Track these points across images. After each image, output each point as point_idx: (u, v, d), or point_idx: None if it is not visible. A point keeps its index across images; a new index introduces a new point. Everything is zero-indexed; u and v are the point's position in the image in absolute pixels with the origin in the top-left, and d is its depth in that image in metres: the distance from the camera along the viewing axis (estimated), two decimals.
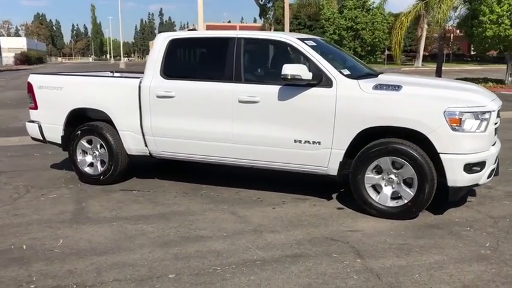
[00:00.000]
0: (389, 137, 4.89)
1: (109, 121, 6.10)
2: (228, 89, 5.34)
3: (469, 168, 4.60)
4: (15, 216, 5.06)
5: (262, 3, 44.72)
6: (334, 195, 5.70)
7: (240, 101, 5.28)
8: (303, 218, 4.95)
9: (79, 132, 6.20)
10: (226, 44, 5.47)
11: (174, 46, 5.74)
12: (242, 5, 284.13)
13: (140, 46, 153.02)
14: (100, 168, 6.19)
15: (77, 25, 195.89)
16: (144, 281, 3.60)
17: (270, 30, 44.44)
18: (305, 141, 5.07)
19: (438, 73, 25.14)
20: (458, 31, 59.16)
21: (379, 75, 5.44)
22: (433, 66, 44.63)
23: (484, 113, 4.63)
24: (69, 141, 6.31)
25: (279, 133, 5.18)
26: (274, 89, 5.15)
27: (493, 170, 4.92)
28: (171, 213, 5.13)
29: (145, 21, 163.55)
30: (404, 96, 4.75)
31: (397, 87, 4.82)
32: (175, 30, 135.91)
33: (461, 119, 4.55)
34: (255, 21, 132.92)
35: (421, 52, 51.31)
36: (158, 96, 5.65)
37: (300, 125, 5.08)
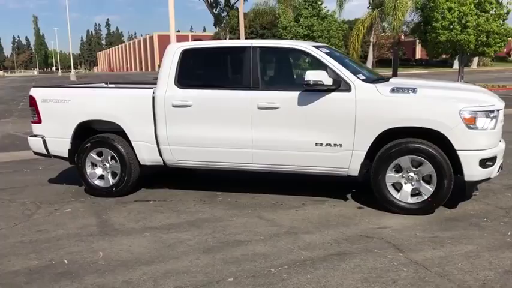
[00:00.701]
0: (403, 137, 5.15)
1: (119, 132, 6.07)
2: (246, 97, 5.47)
3: (484, 163, 4.95)
4: (40, 232, 4.96)
5: (216, 12, 44.86)
6: (348, 196, 5.92)
7: (259, 108, 5.41)
8: (330, 218, 5.13)
9: (88, 144, 6.13)
10: (242, 53, 5.60)
11: (186, 56, 5.80)
12: (189, 14, 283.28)
13: (87, 57, 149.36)
14: (111, 180, 6.14)
15: (18, 37, 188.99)
16: (206, 286, 3.67)
17: (226, 39, 44.76)
18: (326, 144, 5.27)
19: (395, 76, 26.17)
20: (403, 36, 61.79)
21: (390, 80, 5.72)
22: (382, 71, 46.26)
23: (493, 111, 5.00)
24: (77, 154, 6.21)
25: (300, 137, 5.35)
26: (293, 95, 5.33)
27: (501, 164, 5.29)
28: (199, 220, 5.18)
29: (92, 32, 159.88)
30: (421, 98, 5.05)
31: (413, 90, 5.12)
32: (123, 42, 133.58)
33: (475, 117, 4.89)
34: (204, 30, 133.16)
35: (370, 58, 53.11)
36: (174, 106, 5.70)
37: (321, 129, 5.27)
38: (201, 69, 5.99)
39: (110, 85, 7.59)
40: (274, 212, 5.41)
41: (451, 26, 21.38)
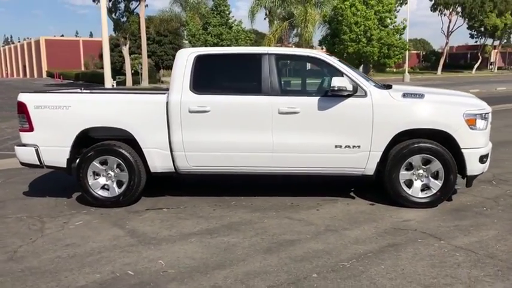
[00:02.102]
0: (409, 138, 5.68)
1: (126, 139, 5.87)
2: (267, 102, 5.64)
3: (482, 159, 5.66)
4: (71, 247, 4.67)
5: (116, 17, 43.44)
6: (352, 194, 6.33)
7: (280, 113, 5.62)
8: (354, 215, 5.49)
9: (92, 153, 5.84)
10: (259, 60, 5.76)
11: (200, 62, 5.81)
12: (72, 19, 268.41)
13: None
14: (117, 190, 5.90)
15: None
16: (295, 283, 3.80)
17: (126, 45, 43.45)
18: (345, 146, 5.63)
19: None
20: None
21: (393, 86, 6.24)
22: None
23: (486, 114, 5.75)
24: (78, 163, 5.88)
25: (320, 140, 5.65)
26: (313, 100, 5.62)
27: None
28: (233, 224, 5.23)
29: None
30: (430, 103, 5.64)
31: (420, 96, 5.69)
32: None
33: (475, 119, 5.59)
34: (91, 35, 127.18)
35: None
36: (191, 111, 5.68)
37: (341, 132, 5.62)
38: (217, 75, 6.01)
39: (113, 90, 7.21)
40: (297, 212, 5.63)
41: (358, 39, 23.17)
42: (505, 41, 79.18)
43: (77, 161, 5.92)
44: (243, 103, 5.72)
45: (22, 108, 5.89)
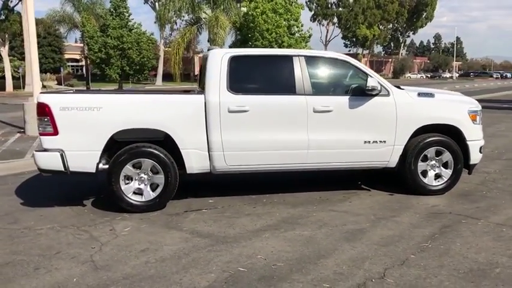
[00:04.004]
0: (422, 133, 6.36)
1: (156, 141, 5.75)
2: (303, 101, 5.92)
3: (480, 150, 6.53)
4: (149, 252, 4.50)
5: None
6: (364, 186, 6.84)
7: (315, 111, 5.93)
8: (386, 205, 5.98)
9: (125, 155, 5.60)
10: (291, 61, 6.01)
11: (235, 63, 5.89)
12: None
13: None
14: (151, 193, 5.73)
15: None
16: (406, 263, 4.15)
17: (5, 46, 39.92)
18: (373, 141, 6.12)
19: None
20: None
21: (402, 87, 6.83)
22: (172, 85, 48.01)
23: (481, 110, 6.64)
24: (109, 168, 5.60)
25: (351, 136, 6.07)
26: (344, 99, 6.03)
27: None
28: (289, 219, 5.41)
29: None
30: (441, 102, 6.38)
31: (431, 95, 6.40)
32: None
33: (476, 115, 6.44)
34: None
35: (161, 71, 54.52)
36: (231, 111, 5.74)
37: (369, 128, 6.10)
38: (252, 76, 6.11)
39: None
40: (334, 205, 5.98)
41: (270, 46, 24.06)
42: (373, 50, 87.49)
43: (108, 165, 5.61)
44: (280, 103, 5.92)
45: (44, 111, 5.44)
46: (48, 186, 7.11)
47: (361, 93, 6.03)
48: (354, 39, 78.04)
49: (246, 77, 6.08)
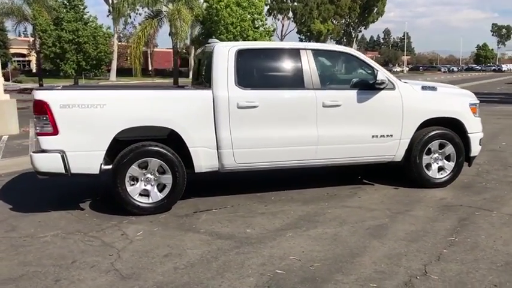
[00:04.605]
0: (426, 126, 6.38)
1: (161, 139, 5.48)
2: (312, 96, 5.79)
3: (480, 142, 6.63)
4: (172, 256, 4.25)
5: None
6: (365, 180, 6.82)
7: (324, 106, 5.82)
8: (397, 199, 5.96)
9: (131, 155, 5.29)
10: (298, 54, 5.87)
11: (242, 57, 5.67)
12: None
13: None
14: (159, 194, 5.45)
15: None
16: (446, 257, 4.11)
17: None
18: (381, 136, 6.08)
19: (175, 85, 27.33)
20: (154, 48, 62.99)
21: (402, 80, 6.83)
22: (127, 80, 46.87)
23: (479, 103, 6.74)
24: (113, 168, 5.28)
25: (359, 131, 6.00)
26: (352, 93, 5.95)
27: None
28: (306, 217, 5.28)
29: None
30: (444, 95, 6.43)
31: (434, 88, 6.43)
32: None
33: (476, 108, 6.53)
34: None
35: (115, 67, 53.09)
36: (240, 107, 5.53)
37: (377, 122, 6.05)
38: (260, 70, 5.90)
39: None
40: (344, 201, 5.90)
41: (235, 40, 23.79)
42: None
43: (111, 166, 5.29)
44: (290, 97, 5.77)
45: (42, 108, 5.04)
46: (33, 189, 6.68)
47: (368, 87, 5.96)
48: (309, 33, 78.78)
49: (254, 71, 5.88)
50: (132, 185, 5.37)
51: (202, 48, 6.76)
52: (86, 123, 5.14)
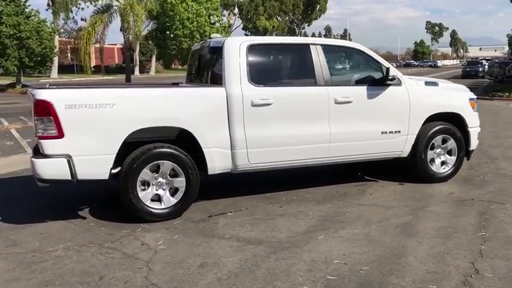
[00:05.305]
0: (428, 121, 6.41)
1: (170, 141, 5.16)
2: (324, 92, 5.65)
3: (478, 136, 6.76)
4: (210, 266, 3.97)
5: None
6: (367, 177, 6.77)
7: (336, 102, 5.70)
8: (408, 195, 5.94)
9: (143, 158, 4.93)
10: (309, 50, 5.70)
11: (253, 52, 5.44)
12: None
13: None
14: (171, 199, 5.13)
15: None
16: (488, 253, 4.10)
17: None
18: (389, 132, 6.04)
19: (128, 82, 26.45)
20: (74, 43, 60.46)
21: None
22: (70, 78, 45.09)
23: (476, 98, 6.87)
24: (124, 173, 4.90)
25: (369, 127, 5.93)
26: (362, 89, 5.87)
27: None
28: (327, 217, 5.14)
29: None
30: (447, 90, 6.49)
31: (436, 83, 6.47)
32: None
33: (474, 102, 6.65)
34: None
35: (56, 63, 50.67)
36: (254, 105, 5.30)
37: (386, 118, 6.00)
38: (271, 66, 5.69)
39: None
40: (358, 199, 5.81)
41: (192, 35, 23.35)
42: None
43: (122, 170, 4.90)
44: (303, 94, 5.60)
45: (46, 109, 4.57)
46: (17, 196, 6.18)
47: (378, 83, 5.89)
48: (254, 30, 78.96)
49: (265, 67, 5.67)
50: (143, 190, 5.00)
51: (200, 44, 6.44)
52: (94, 125, 4.73)
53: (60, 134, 4.60)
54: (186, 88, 5.54)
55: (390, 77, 5.78)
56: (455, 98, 6.51)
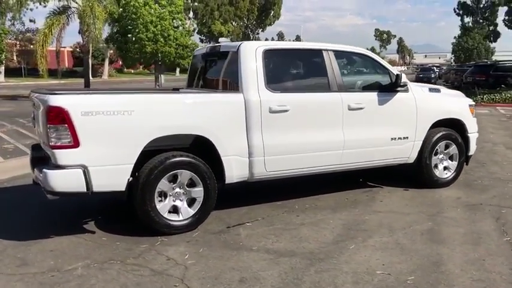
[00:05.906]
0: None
1: (186, 149, 4.95)
2: (338, 98, 5.59)
3: (476, 141, 6.91)
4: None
5: None
6: (370, 183, 6.76)
7: (349, 109, 5.65)
8: (418, 200, 5.96)
9: (161, 167, 4.68)
10: (322, 55, 5.62)
11: (269, 57, 5.29)
12: None
13: None
14: (189, 210, 4.90)
15: None
16: None
17: None
18: (398, 138, 6.05)
19: (87, 86, 25.56)
20: (18, 46, 57.98)
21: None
22: (18, 82, 43.22)
23: (474, 105, 7.02)
24: (141, 184, 4.63)
25: (380, 134, 5.91)
26: (373, 96, 5.86)
27: None
28: (349, 225, 5.05)
29: None
30: (449, 97, 6.59)
31: (438, 90, 6.57)
32: None
33: (473, 109, 6.79)
34: None
35: (3, 66, 48.38)
36: (272, 111, 5.16)
37: (395, 124, 6.01)
38: (286, 71, 5.55)
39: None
40: (370, 206, 5.77)
41: (155, 39, 22.78)
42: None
43: (139, 180, 4.63)
44: (319, 101, 5.52)
45: (61, 117, 4.24)
46: (8, 209, 5.72)
47: (386, 89, 5.90)
48: (209, 34, 78.48)
49: (280, 72, 5.53)
50: (160, 201, 4.74)
51: (207, 47, 6.22)
52: (111, 133, 4.43)
53: (76, 143, 4.28)
54: (203, 94, 5.31)
55: (401, 84, 5.78)
56: (457, 104, 6.62)
